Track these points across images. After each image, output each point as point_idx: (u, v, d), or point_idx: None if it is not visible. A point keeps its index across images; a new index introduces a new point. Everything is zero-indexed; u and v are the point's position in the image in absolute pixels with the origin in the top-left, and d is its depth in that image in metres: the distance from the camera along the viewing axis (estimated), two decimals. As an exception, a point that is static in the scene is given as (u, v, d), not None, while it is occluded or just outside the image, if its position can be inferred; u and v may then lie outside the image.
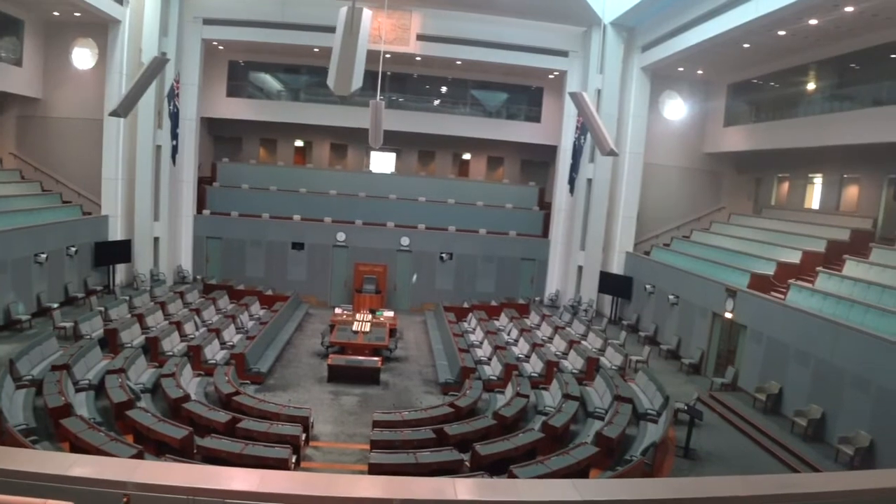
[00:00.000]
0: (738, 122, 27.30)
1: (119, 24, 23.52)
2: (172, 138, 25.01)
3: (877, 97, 19.79)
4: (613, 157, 24.51)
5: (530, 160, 33.14)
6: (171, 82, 24.26)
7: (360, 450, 13.69)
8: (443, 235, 28.90)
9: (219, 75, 29.33)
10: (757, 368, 18.40)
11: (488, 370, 19.20)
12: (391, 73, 29.74)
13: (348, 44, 8.20)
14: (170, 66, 23.36)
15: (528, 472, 11.46)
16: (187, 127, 26.38)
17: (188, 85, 26.10)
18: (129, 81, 22.04)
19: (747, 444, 15.81)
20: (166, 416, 13.48)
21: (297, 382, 18.05)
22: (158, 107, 24.70)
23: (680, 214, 29.31)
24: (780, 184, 27.41)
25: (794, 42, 21.23)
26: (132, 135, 24.58)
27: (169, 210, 26.16)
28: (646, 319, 25.35)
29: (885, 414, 13.77)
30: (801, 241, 21.60)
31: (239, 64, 30.04)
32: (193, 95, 26.55)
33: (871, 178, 21.99)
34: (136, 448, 11.20)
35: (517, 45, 27.16)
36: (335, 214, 28.80)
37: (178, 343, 18.84)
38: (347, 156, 32.79)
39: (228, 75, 29.78)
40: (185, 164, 26.72)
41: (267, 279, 27.74)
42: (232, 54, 29.35)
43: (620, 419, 14.66)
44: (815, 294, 17.97)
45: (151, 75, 13.14)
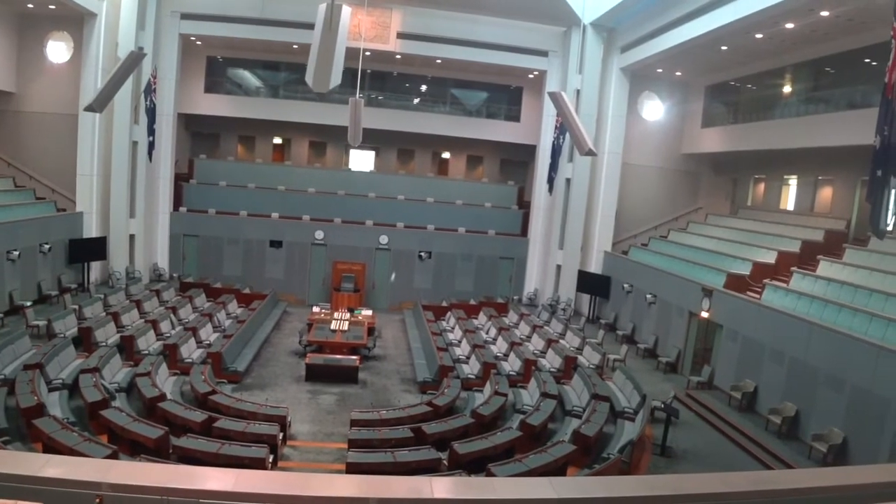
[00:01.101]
0: (715, 124, 27.57)
1: (95, 17, 23.18)
2: (149, 134, 24.73)
3: (851, 100, 20.08)
4: (592, 157, 24.56)
5: (509, 159, 33.22)
6: (147, 77, 23.98)
7: (338, 449, 13.64)
8: (422, 234, 28.88)
9: (197, 71, 29.07)
10: (732, 367, 18.60)
11: (466, 369, 19.21)
12: (371, 70, 29.69)
13: (327, 41, 8.16)
14: (147, 61, 23.12)
15: (506, 471, 11.48)
16: (164, 123, 26.10)
17: (165, 80, 25.80)
18: (104, 76, 21.70)
19: (723, 442, 15.98)
20: (141, 415, 13.32)
21: (274, 381, 17.94)
22: (135, 102, 24.38)
23: (658, 214, 29.53)
24: (756, 185, 27.73)
25: (770, 45, 21.47)
26: (108, 130, 24.23)
27: (145, 207, 25.85)
28: (623, 318, 25.52)
29: (858, 411, 13.99)
30: (777, 242, 21.88)
31: (217, 60, 29.79)
32: (171, 91, 26.26)
33: (845, 180, 22.32)
34: (111, 448, 11.06)
35: (497, 44, 27.21)
36: (314, 212, 28.65)
37: (153, 342, 18.64)
38: (326, 153, 32.65)
39: (206, 71, 29.52)
40: (161, 160, 26.45)
41: (244, 277, 27.54)
42: (210, 50, 29.10)
43: (598, 417, 14.74)
44: (790, 294, 18.21)
45: (128, 70, 12.96)
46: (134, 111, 24.47)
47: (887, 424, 13.16)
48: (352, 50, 18.35)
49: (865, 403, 13.80)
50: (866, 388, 13.81)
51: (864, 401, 13.86)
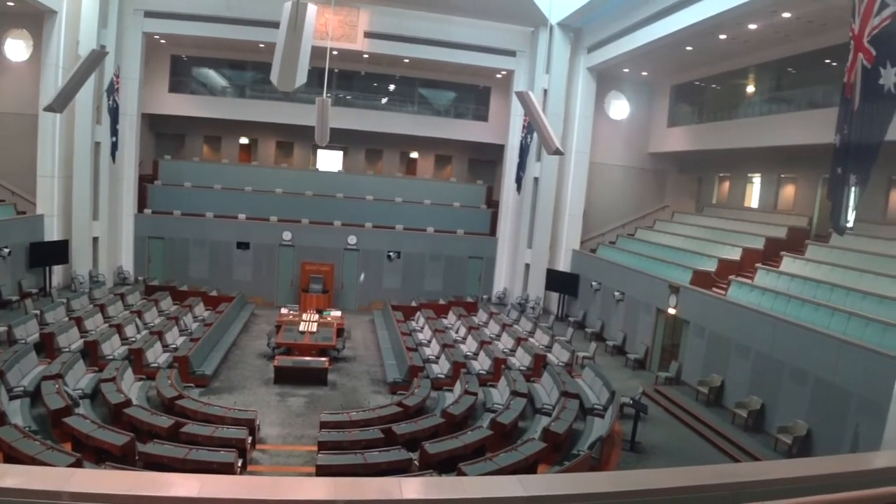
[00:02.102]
0: (681, 123, 27.93)
1: (55, 14, 22.65)
2: (112, 135, 24.26)
3: (812, 100, 20.48)
4: (560, 157, 24.74)
5: (478, 159, 33.27)
6: (110, 77, 23.52)
7: (308, 451, 13.54)
8: (390, 234, 28.80)
9: (161, 70, 28.61)
10: (699, 362, 18.86)
11: (436, 368, 19.20)
12: (338, 70, 29.54)
13: (292, 39, 8.09)
14: (109, 60, 22.67)
15: (477, 470, 11.51)
16: (128, 123, 25.64)
17: (128, 80, 25.34)
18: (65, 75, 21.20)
19: (691, 436, 16.20)
20: (106, 422, 13.07)
21: (242, 384, 17.74)
22: (97, 102, 23.87)
23: (625, 213, 29.82)
24: (721, 183, 28.13)
25: (734, 46, 21.81)
26: (69, 131, 23.67)
27: (109, 209, 25.33)
28: (592, 316, 25.72)
29: (821, 403, 14.29)
30: (741, 239, 22.23)
31: (182, 59, 29.36)
32: (134, 90, 25.81)
33: (807, 178, 22.76)
34: (74, 456, 10.79)
35: (465, 44, 27.24)
36: (281, 213, 28.39)
37: (118, 346, 18.32)
38: (294, 154, 32.38)
39: (171, 70, 29.07)
40: (125, 161, 25.98)
41: (211, 280, 27.19)
42: (174, 49, 28.67)
43: (567, 415, 14.85)
44: (755, 290, 18.51)
45: (89, 69, 12.72)
46: (96, 111, 23.96)
47: (849, 415, 13.46)
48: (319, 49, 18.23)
49: (828, 395, 14.11)
50: (829, 381, 14.11)
51: (826, 393, 14.16)
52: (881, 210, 19.40)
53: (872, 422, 12.33)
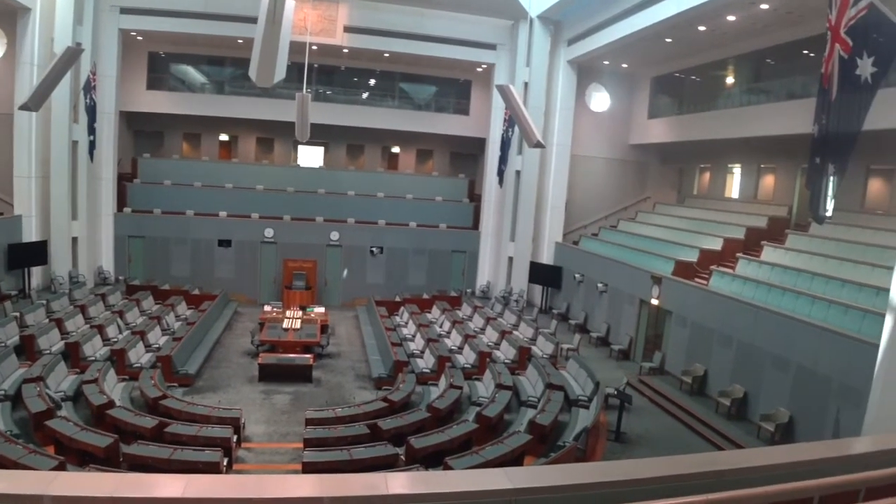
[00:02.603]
0: (661, 115, 28.07)
1: (29, 11, 22.25)
2: (89, 133, 23.97)
3: (791, 91, 20.65)
4: (541, 149, 24.82)
5: (459, 153, 33.24)
6: (87, 74, 23.22)
7: (294, 449, 13.50)
8: (373, 229, 28.74)
9: (138, 67, 28.28)
10: (683, 352, 19.00)
11: (421, 363, 19.20)
12: (318, 65, 29.38)
13: (270, 34, 8.03)
14: (85, 57, 22.36)
15: (463, 463, 11.53)
16: (105, 121, 25.34)
17: (105, 77, 25.05)
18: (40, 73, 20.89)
19: (675, 426, 16.34)
20: (89, 424, 12.96)
21: (227, 383, 17.65)
22: (74, 100, 23.57)
23: (607, 205, 29.94)
24: (701, 174, 28.33)
25: (713, 37, 21.93)
26: (46, 130, 23.34)
27: (87, 208, 25.06)
28: (576, 308, 25.83)
29: (802, 391, 14.46)
30: (722, 229, 22.41)
31: (159, 55, 29.05)
32: (111, 88, 25.50)
33: (786, 168, 22.98)
34: (58, 459, 10.70)
35: (445, 37, 27.20)
36: (262, 210, 28.22)
37: (100, 347, 18.15)
38: (274, 150, 32.16)
39: (148, 67, 28.74)
40: (103, 160, 25.68)
41: (193, 278, 27.00)
42: (152, 45, 28.35)
43: (553, 406, 14.92)
44: (736, 279, 18.67)
45: (65, 67, 12.54)
46: (73, 109, 23.66)
47: (830, 402, 13.62)
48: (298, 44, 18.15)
49: (809, 383, 14.27)
50: (810, 368, 14.27)
51: (808, 380, 14.33)
52: (859, 199, 19.64)
53: (853, 408, 12.49)
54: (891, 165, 18.63)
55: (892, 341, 9.94)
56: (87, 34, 23.51)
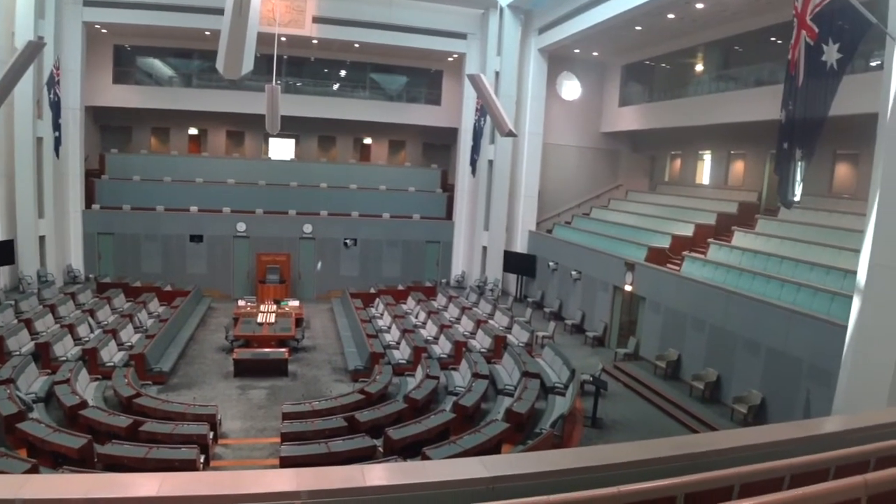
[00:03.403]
0: (632, 102, 28.24)
1: (-13, 6, 21.84)
2: (54, 129, 23.51)
3: (759, 78, 20.88)
4: (513, 138, 24.86)
5: (432, 143, 33.17)
6: (50, 69, 22.76)
7: (272, 443, 13.44)
8: (346, 221, 28.61)
9: (103, 61, 27.75)
10: (657, 337, 19.21)
11: (397, 354, 19.20)
12: (287, 56, 29.02)
13: (237, 26, 7.92)
14: (48, 52, 21.92)
15: (441, 453, 11.57)
16: (70, 116, 24.85)
17: (69, 71, 24.54)
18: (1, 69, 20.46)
19: (650, 410, 16.54)
20: (62, 425, 12.76)
21: (202, 380, 17.49)
22: (37, 96, 23.08)
23: (580, 193, 30.10)
24: (672, 161, 28.58)
25: (683, 25, 22.09)
26: (9, 126, 22.81)
27: (55, 206, 24.58)
28: (550, 296, 25.98)
29: (773, 373, 14.70)
30: (694, 215, 22.65)
31: (125, 48, 28.54)
32: (76, 83, 25.00)
33: (755, 154, 23.27)
34: (30, 462, 10.50)
35: (415, 27, 27.09)
36: (234, 204, 27.94)
37: (71, 347, 17.88)
38: (245, 143, 31.83)
39: (114, 61, 28.21)
40: (69, 156, 25.20)
41: (165, 274, 26.68)
42: (117, 38, 27.81)
43: (529, 394, 15.02)
44: (708, 264, 18.90)
45: (27, 61, 12.24)
46: (37, 105, 23.15)
47: (801, 383, 13.87)
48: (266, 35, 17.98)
49: (780, 365, 14.51)
50: (781, 351, 14.51)
51: (779, 362, 14.57)
52: (827, 183, 19.96)
53: (823, 388, 12.73)
54: (857, 150, 18.93)
55: (859, 322, 10.14)
56: (50, 27, 22.97)
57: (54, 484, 4.59)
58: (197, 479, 5.32)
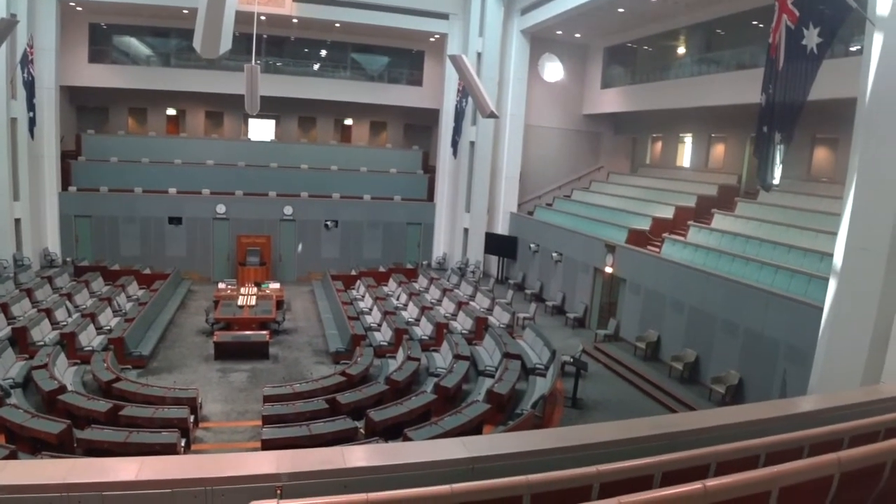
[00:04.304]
0: (614, 84, 28.23)
1: (-42, -17, 21.30)
2: (29, 109, 23.06)
3: (740, 61, 20.93)
4: (495, 120, 24.83)
5: (413, 124, 33.02)
6: (23, 47, 22.29)
7: (253, 426, 13.43)
8: (327, 203, 28.47)
9: (79, 39, 27.21)
10: (637, 319, 19.37)
11: (379, 336, 19.21)
12: (267, 36, 28.68)
13: (215, 4, 7.80)
14: (21, 30, 21.51)
15: (423, 434, 11.62)
16: (45, 96, 24.42)
17: (43, 50, 24.05)
18: (-27, 48, 20.09)
19: (630, 390, 16.71)
20: (41, 410, 12.65)
21: (182, 363, 17.40)
22: (11, 75, 22.60)
23: (561, 174, 30.15)
24: (654, 143, 28.68)
25: (665, 7, 22.09)
26: (-19, 107, 22.47)
27: (30, 188, 24.16)
28: (531, 277, 26.07)
29: (751, 353, 14.90)
30: (674, 198, 22.77)
31: (101, 27, 27.98)
32: (50, 62, 24.52)
33: (736, 137, 23.40)
34: (8, 448, 10.39)
35: (397, 7, 26.87)
36: (213, 186, 27.67)
37: (49, 331, 17.68)
38: (224, 124, 31.46)
39: (90, 39, 27.65)
40: (45, 137, 24.78)
41: (144, 257, 26.41)
42: (92, 16, 27.26)
43: (510, 375, 15.10)
44: (688, 246, 19.04)
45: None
46: (10, 85, 22.67)
47: (778, 363, 14.07)
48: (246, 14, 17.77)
49: (758, 345, 14.70)
50: (758, 332, 14.69)
51: (756, 343, 14.76)
52: (806, 167, 20.15)
53: (799, 368, 12.92)
54: (836, 135, 19.09)
55: (835, 304, 10.28)
56: (23, 5, 22.44)
57: (32, 469, 4.57)
58: (176, 462, 5.32)
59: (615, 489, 3.94)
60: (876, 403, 7.26)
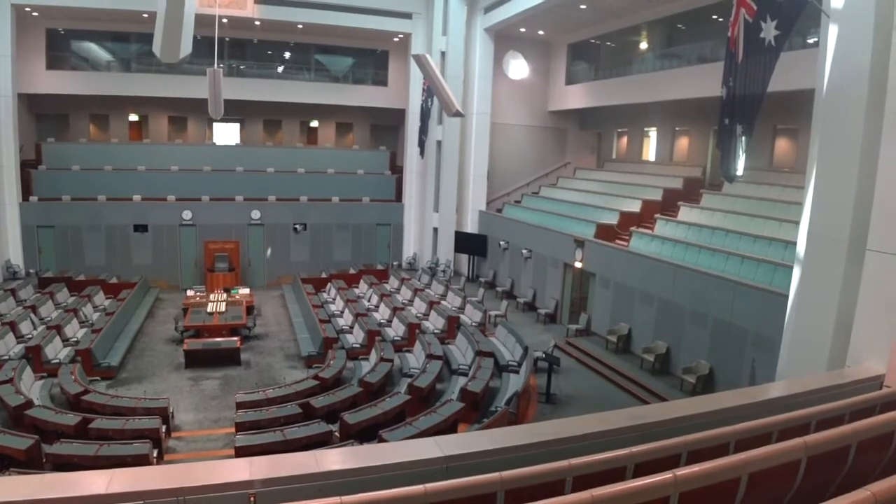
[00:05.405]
0: (578, 81, 28.45)
1: None
2: (-15, 119, 22.62)
3: (701, 55, 21.22)
4: (461, 118, 24.86)
5: (379, 124, 32.93)
6: (-23, 56, 21.84)
7: (226, 434, 13.29)
8: (295, 206, 28.26)
9: (36, 45, 26.62)
10: (607, 312, 19.55)
11: (351, 339, 19.15)
12: (229, 39, 28.41)
13: (174, 7, 7.71)
14: (-26, 38, 21.03)
15: (397, 435, 11.59)
16: (2, 105, 23.84)
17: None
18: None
19: (603, 384, 16.88)
20: (7, 426, 12.40)
21: (152, 372, 17.16)
22: (-35, 84, 22.18)
23: (529, 171, 30.30)
24: (619, 138, 28.95)
25: (626, 3, 22.33)
26: (-64, 117, 21.92)
27: (-11, 198, 23.72)
28: (502, 275, 26.17)
29: (720, 343, 15.14)
30: (641, 191, 23.03)
31: (58, 32, 27.41)
32: (6, 68, 23.89)
33: (699, 131, 23.73)
34: (-26, 464, 10.23)
35: (360, 7, 26.75)
36: (179, 192, 27.29)
37: (13, 345, 17.29)
38: (188, 128, 31.07)
39: (47, 45, 27.04)
40: (3, 146, 24.15)
41: (109, 266, 25.94)
42: (49, 21, 26.67)
43: (483, 373, 15.16)
44: (655, 239, 19.27)
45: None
46: (-35, 94, 22.25)
47: (746, 352, 14.30)
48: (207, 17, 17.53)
49: (727, 335, 14.93)
50: (726, 321, 14.92)
51: (725, 333, 14.99)
52: (768, 157, 20.48)
53: (767, 356, 13.12)
54: (796, 125, 19.43)
55: (800, 291, 10.47)
56: (-24, 12, 22.01)
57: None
58: (147, 473, 5.24)
59: (588, 482, 3.98)
60: (841, 387, 7.43)
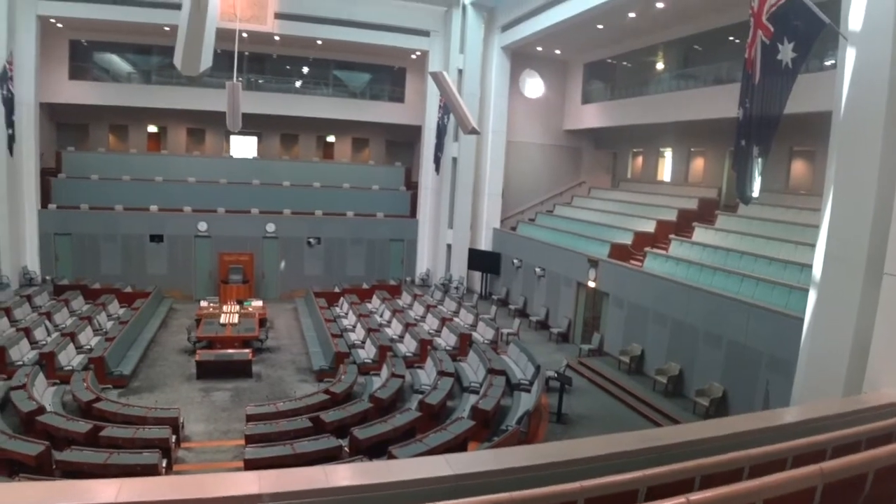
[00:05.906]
0: (594, 100, 28.50)
1: (-64, 1, 21.15)
2: (8, 126, 22.86)
3: (717, 76, 21.20)
4: (476, 136, 24.93)
5: (395, 141, 33.08)
6: (2, 64, 22.14)
7: (236, 446, 13.28)
8: (309, 220, 28.37)
9: (59, 56, 27.04)
10: (620, 333, 19.43)
11: (363, 353, 19.12)
12: (249, 53, 28.72)
13: (196, 21, 7.80)
14: (0, 46, 21.32)
15: (407, 452, 11.54)
16: (25, 113, 24.16)
17: (24, 67, 23.83)
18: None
19: (614, 404, 16.74)
20: (19, 432, 12.45)
21: (163, 382, 17.21)
22: (-11, 93, 22.50)
23: (543, 190, 30.30)
24: (634, 158, 28.91)
25: (643, 24, 22.36)
26: (-41, 124, 22.24)
27: (9, 206, 23.85)
28: (515, 293, 26.10)
29: (734, 365, 15.00)
30: (655, 212, 22.95)
31: (81, 43, 27.85)
32: (30, 78, 24.27)
33: (715, 151, 23.64)
34: (-15, 469, 10.26)
35: (378, 24, 26.96)
36: (195, 203, 27.51)
37: (27, 351, 17.42)
38: (206, 141, 31.35)
39: (70, 56, 27.48)
40: (24, 154, 24.49)
41: (125, 275, 26.14)
42: (73, 33, 27.12)
43: (495, 391, 15.06)
44: (669, 260, 19.17)
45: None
46: (-11, 102, 22.56)
47: (760, 375, 14.15)
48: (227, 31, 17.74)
49: (741, 357, 14.80)
50: (741, 343, 14.78)
51: (739, 355, 14.86)
52: (784, 180, 20.37)
53: (782, 379, 12.98)
54: (812, 147, 19.34)
55: (816, 314, 10.37)
56: (2, 21, 22.34)
57: (8, 492, 4.47)
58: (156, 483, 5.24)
59: (600, 504, 3.93)
60: (858, 413, 7.31)
